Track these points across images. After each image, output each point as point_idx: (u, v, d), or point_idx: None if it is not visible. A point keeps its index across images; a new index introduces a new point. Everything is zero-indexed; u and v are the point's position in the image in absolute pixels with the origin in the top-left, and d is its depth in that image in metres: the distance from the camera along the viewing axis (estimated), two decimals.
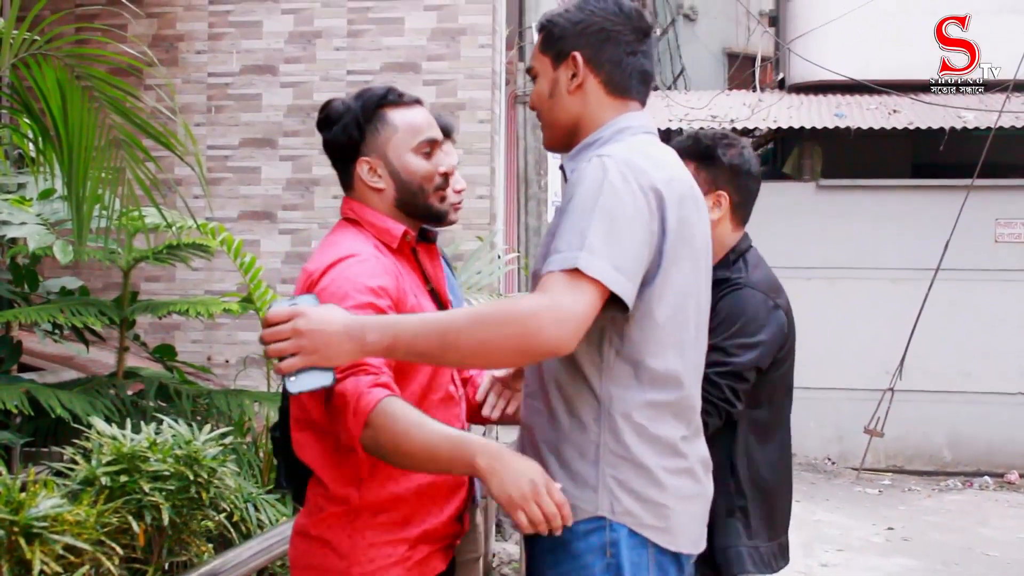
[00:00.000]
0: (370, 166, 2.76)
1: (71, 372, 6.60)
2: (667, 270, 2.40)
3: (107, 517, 3.97)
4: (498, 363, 2.42)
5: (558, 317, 2.21)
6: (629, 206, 2.33)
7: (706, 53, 22.33)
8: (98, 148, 4.54)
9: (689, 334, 2.49)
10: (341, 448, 2.54)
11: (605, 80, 2.57)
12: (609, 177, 2.35)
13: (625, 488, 2.40)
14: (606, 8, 2.57)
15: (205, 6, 8.83)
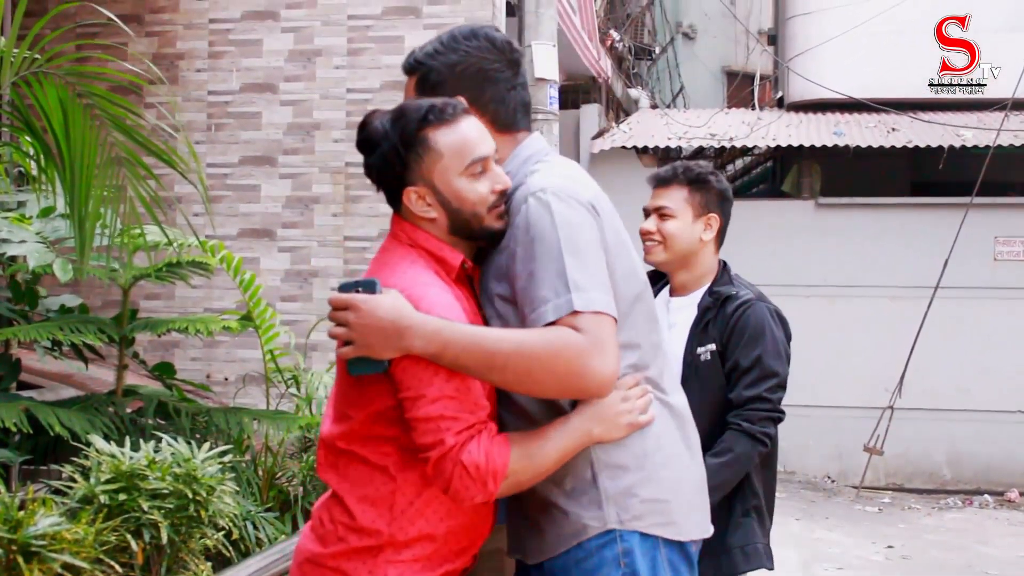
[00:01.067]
0: (418, 195, 2.48)
1: (70, 390, 6.60)
2: (613, 272, 2.43)
3: (106, 535, 3.97)
4: (538, 394, 2.39)
5: (603, 357, 2.29)
6: (584, 232, 2.38)
7: (705, 71, 22.38)
8: (99, 166, 4.54)
9: (645, 325, 2.54)
10: (382, 480, 2.44)
11: (491, 119, 2.53)
12: (555, 210, 2.36)
13: (628, 494, 2.42)
14: (480, 46, 2.54)
15: (205, 24, 8.86)
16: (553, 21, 8.61)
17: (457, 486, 2.32)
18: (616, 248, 2.46)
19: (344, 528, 2.47)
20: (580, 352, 2.27)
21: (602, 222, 2.45)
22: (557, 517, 2.45)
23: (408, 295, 2.36)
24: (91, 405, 5.41)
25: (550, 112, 8.32)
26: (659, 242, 3.56)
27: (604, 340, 2.30)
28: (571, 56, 12.12)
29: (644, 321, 2.52)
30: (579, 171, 2.59)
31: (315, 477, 5.89)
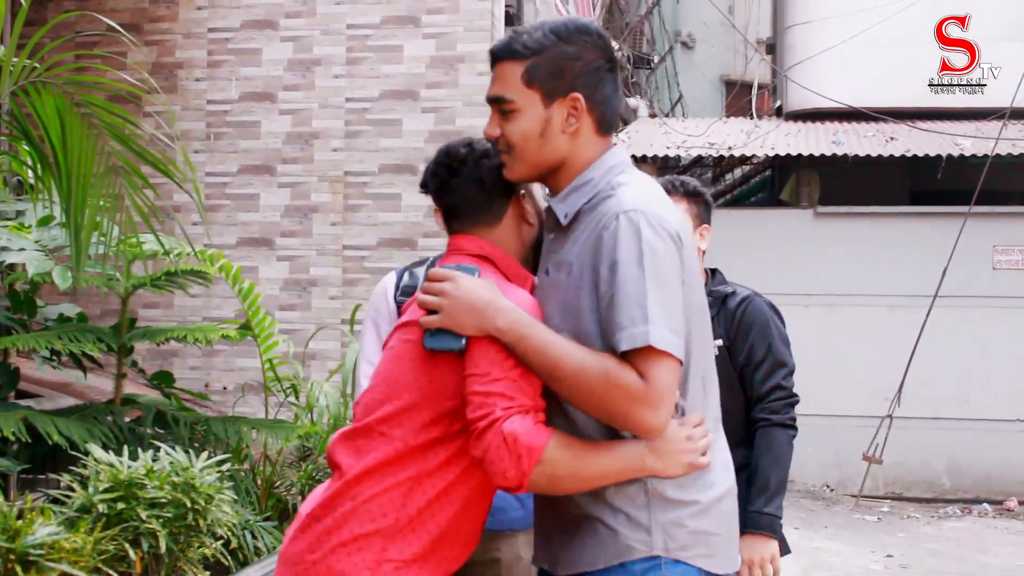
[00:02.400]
0: (526, 201, 2.65)
1: (69, 399, 6.59)
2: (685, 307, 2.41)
3: (104, 544, 3.96)
4: (590, 414, 2.40)
5: (654, 410, 2.29)
6: (667, 263, 2.35)
7: (704, 81, 22.42)
8: (97, 175, 4.54)
9: (704, 360, 2.52)
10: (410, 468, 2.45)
11: (598, 119, 2.50)
12: (644, 237, 2.34)
13: (677, 525, 2.41)
14: (595, 43, 2.50)
15: (204, 34, 8.87)
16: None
17: (493, 456, 2.33)
18: (691, 281, 2.44)
19: (344, 515, 2.46)
20: (633, 398, 2.28)
21: (683, 254, 2.41)
22: (601, 532, 2.44)
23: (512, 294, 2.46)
24: (89, 414, 5.41)
25: None
26: None
27: (662, 391, 2.28)
28: None
29: (703, 354, 2.52)
30: (663, 193, 2.53)
31: (313, 486, 5.88)
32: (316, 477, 5.92)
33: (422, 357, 2.48)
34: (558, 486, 2.40)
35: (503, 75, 2.49)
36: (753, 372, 3.60)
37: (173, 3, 8.91)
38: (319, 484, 5.74)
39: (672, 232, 2.38)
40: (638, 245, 2.33)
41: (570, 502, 2.47)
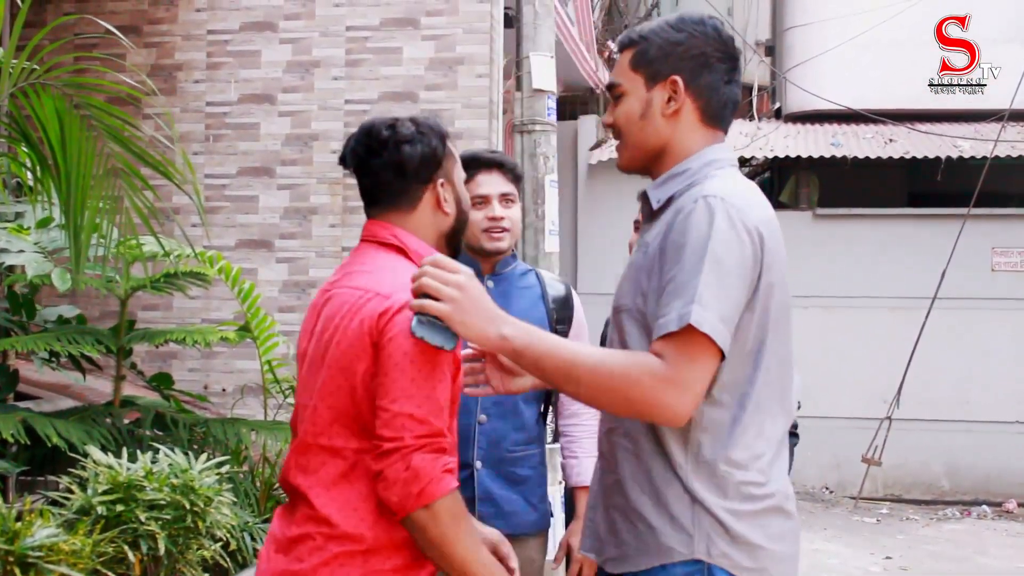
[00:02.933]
0: (444, 190, 2.66)
1: (68, 401, 6.59)
2: (755, 309, 2.36)
3: (103, 547, 3.96)
4: (609, 411, 2.41)
5: (680, 393, 2.24)
6: (734, 254, 2.30)
7: None
8: (96, 177, 4.55)
9: (777, 370, 2.43)
10: (365, 481, 2.40)
11: (702, 107, 2.50)
12: (716, 222, 2.30)
13: (720, 531, 2.37)
14: (705, 32, 2.50)
15: (204, 36, 8.86)
16: (551, 32, 8.62)
17: (389, 478, 2.30)
18: (773, 283, 2.37)
19: (325, 538, 2.41)
20: (659, 378, 2.23)
21: (763, 252, 2.35)
22: (641, 530, 2.43)
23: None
24: (88, 416, 5.40)
25: (548, 123, 8.32)
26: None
27: (694, 374, 2.25)
28: (569, 67, 12.14)
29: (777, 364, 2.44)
30: (757, 193, 2.48)
31: None
32: None
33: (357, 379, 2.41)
34: (422, 536, 2.33)
35: (618, 63, 2.57)
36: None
37: (172, 5, 8.91)
38: None
39: (750, 226, 2.32)
40: (708, 230, 2.29)
41: (617, 495, 2.46)
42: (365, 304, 2.44)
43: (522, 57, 8.55)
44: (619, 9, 19.38)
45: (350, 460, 2.42)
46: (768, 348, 2.39)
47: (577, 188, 14.01)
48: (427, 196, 2.64)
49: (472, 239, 3.53)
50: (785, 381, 2.46)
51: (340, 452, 2.43)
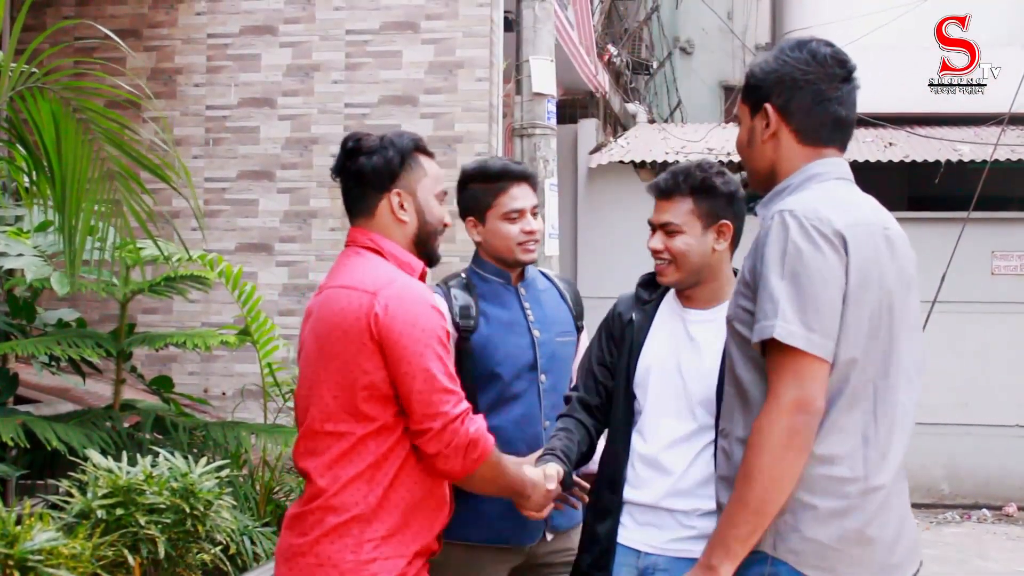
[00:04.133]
0: (400, 199, 2.91)
1: (67, 404, 6.59)
2: (845, 315, 2.43)
3: (103, 550, 3.96)
4: (798, 472, 2.41)
5: (794, 414, 2.36)
6: (812, 262, 2.40)
7: (702, 86, 22.40)
8: (92, 180, 4.54)
9: (867, 378, 2.47)
10: (350, 457, 2.74)
11: (796, 129, 2.62)
12: (791, 236, 2.43)
13: (789, 527, 2.41)
14: (799, 57, 2.61)
15: (204, 39, 8.86)
16: (551, 36, 8.63)
17: (450, 452, 2.73)
18: (861, 287, 2.45)
19: (321, 510, 2.74)
20: (779, 420, 2.36)
21: (848, 257, 2.44)
22: (719, 517, 2.51)
23: (415, 294, 2.76)
24: (88, 420, 5.40)
25: (547, 127, 8.33)
26: (669, 261, 3.28)
27: (786, 385, 2.37)
28: (569, 71, 12.13)
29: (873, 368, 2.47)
30: (852, 200, 2.59)
31: None
32: None
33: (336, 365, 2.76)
34: (477, 485, 2.88)
35: (739, 97, 2.74)
36: None
37: (172, 9, 8.91)
38: None
39: (829, 233, 2.42)
40: (783, 244, 2.43)
41: (719, 492, 2.57)
42: (354, 301, 2.74)
43: (522, 61, 8.55)
44: (619, 13, 19.39)
45: (352, 442, 2.73)
46: (862, 350, 2.44)
47: (577, 191, 13.99)
48: (383, 204, 2.91)
49: (506, 252, 3.59)
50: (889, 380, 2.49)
51: (344, 436, 2.74)
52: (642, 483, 3.25)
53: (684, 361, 3.27)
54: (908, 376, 2.54)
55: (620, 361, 3.37)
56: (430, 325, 2.73)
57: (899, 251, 2.57)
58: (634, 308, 3.42)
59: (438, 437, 2.69)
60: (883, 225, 2.57)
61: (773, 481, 2.38)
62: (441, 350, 2.73)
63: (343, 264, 2.91)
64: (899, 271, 2.55)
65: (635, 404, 3.33)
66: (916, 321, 2.61)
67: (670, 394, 3.25)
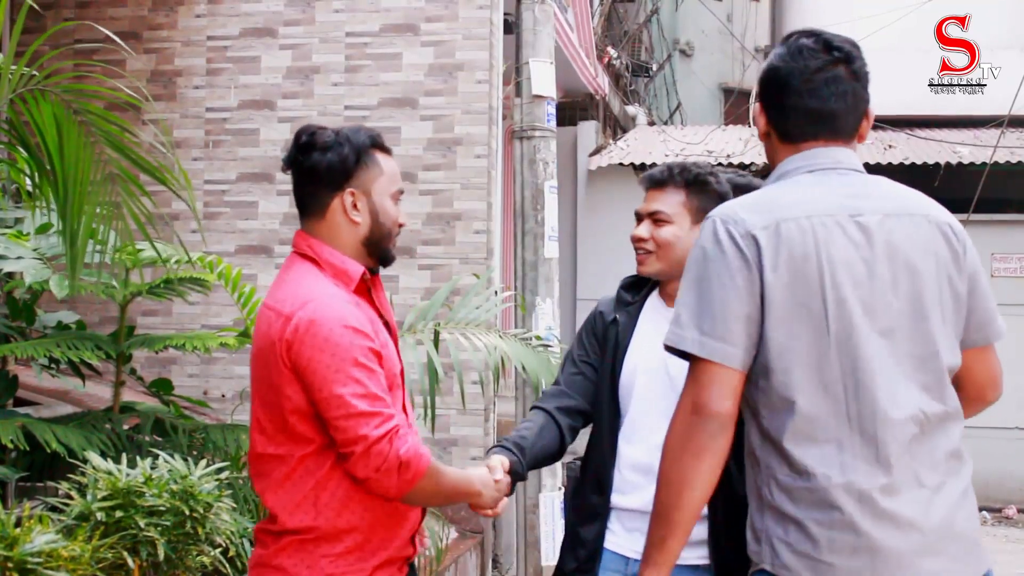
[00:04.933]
0: (354, 199, 2.81)
1: (67, 406, 6.59)
2: (772, 318, 2.36)
3: (102, 553, 3.96)
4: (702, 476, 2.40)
5: (689, 416, 2.39)
6: (713, 266, 2.38)
7: (702, 88, 22.41)
8: (94, 183, 4.54)
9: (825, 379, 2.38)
10: (306, 480, 2.71)
11: (775, 126, 2.61)
12: (701, 241, 2.43)
13: (783, 542, 2.37)
14: (780, 53, 2.60)
15: (203, 41, 8.87)
16: (550, 39, 8.62)
17: (382, 475, 2.61)
18: (780, 293, 2.36)
19: (277, 527, 2.75)
20: (685, 421, 2.40)
21: (762, 262, 2.36)
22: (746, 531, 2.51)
23: (329, 314, 2.63)
24: (88, 422, 5.40)
25: (547, 129, 8.32)
26: (652, 251, 3.27)
27: (695, 390, 2.39)
28: (568, 73, 12.14)
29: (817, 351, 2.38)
30: (794, 197, 2.47)
31: None
32: None
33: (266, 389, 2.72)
34: (421, 499, 2.75)
35: None
36: None
37: (172, 11, 8.91)
38: None
39: (738, 235, 2.38)
40: (693, 250, 2.44)
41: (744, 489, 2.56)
42: (272, 324, 2.69)
43: (522, 63, 8.54)
44: (618, 15, 19.39)
45: (292, 464, 2.71)
46: (797, 349, 2.36)
47: (576, 194, 14.01)
48: (335, 204, 2.81)
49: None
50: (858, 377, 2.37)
51: (284, 459, 2.72)
52: (631, 488, 3.22)
53: (672, 362, 3.19)
54: (899, 372, 2.39)
55: (604, 362, 3.32)
56: (342, 346, 2.61)
57: (880, 239, 2.42)
58: (617, 309, 3.37)
59: (363, 461, 2.59)
60: (852, 214, 2.42)
61: (672, 485, 2.39)
62: (358, 371, 2.60)
63: (279, 276, 2.85)
64: (874, 261, 2.40)
65: (620, 406, 3.29)
66: (919, 308, 2.43)
67: (658, 396, 3.20)
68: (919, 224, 2.49)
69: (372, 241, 2.85)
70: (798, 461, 2.35)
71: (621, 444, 3.25)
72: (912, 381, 2.40)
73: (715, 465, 2.38)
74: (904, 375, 2.39)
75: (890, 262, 2.42)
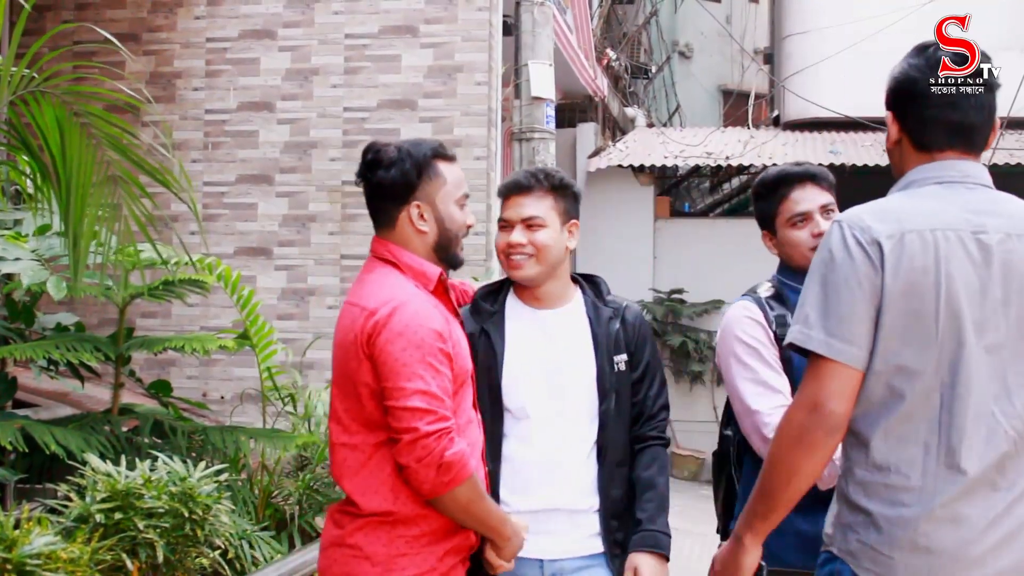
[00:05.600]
0: (420, 210, 2.98)
1: (66, 408, 6.58)
2: (886, 323, 2.42)
3: (101, 554, 3.96)
4: (810, 468, 2.47)
5: (811, 412, 2.43)
6: (841, 269, 2.44)
7: (701, 90, 22.44)
8: (95, 184, 4.55)
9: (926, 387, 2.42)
10: (382, 467, 2.86)
11: (910, 136, 2.63)
12: (829, 243, 2.49)
13: (851, 529, 2.48)
14: (914, 64, 2.67)
15: (203, 43, 8.87)
16: (550, 41, 8.64)
17: (419, 467, 2.75)
18: (903, 286, 2.41)
19: (355, 509, 2.88)
20: (793, 419, 2.46)
21: (884, 269, 2.42)
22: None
23: (409, 310, 2.82)
24: (87, 424, 5.40)
25: (546, 131, 8.34)
26: (531, 255, 3.27)
27: (812, 390, 2.43)
28: (568, 75, 12.15)
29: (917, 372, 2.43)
30: (915, 207, 2.51)
31: (311, 496, 5.88)
32: (314, 487, 5.92)
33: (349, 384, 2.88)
34: (449, 509, 2.83)
35: None
36: (649, 388, 3.38)
37: (171, 13, 8.91)
38: (317, 494, 5.74)
39: (865, 241, 2.44)
40: (822, 252, 2.50)
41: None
42: (356, 319, 2.86)
43: (521, 65, 8.56)
44: (617, 17, 19.41)
45: (368, 452, 2.86)
46: (905, 355, 2.42)
47: None
48: (403, 216, 2.99)
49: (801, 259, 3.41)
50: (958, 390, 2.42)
51: (358, 447, 2.87)
52: (533, 489, 3.21)
53: (554, 361, 3.28)
54: (1001, 388, 2.44)
55: (481, 377, 3.26)
56: (414, 343, 2.78)
57: (998, 259, 2.46)
58: (481, 321, 3.34)
59: (408, 450, 2.74)
60: (974, 230, 2.48)
61: (779, 474, 2.47)
62: (425, 369, 2.77)
63: (360, 278, 3.02)
64: (989, 279, 2.45)
65: (506, 415, 3.26)
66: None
67: (542, 401, 3.24)
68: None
69: (441, 246, 3.03)
70: (881, 459, 2.45)
71: (516, 449, 3.23)
72: (1015, 398, 2.46)
73: (824, 460, 2.46)
74: (1006, 392, 2.46)
75: (1004, 282, 2.47)
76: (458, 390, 2.93)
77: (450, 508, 2.82)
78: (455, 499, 2.79)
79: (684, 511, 12.15)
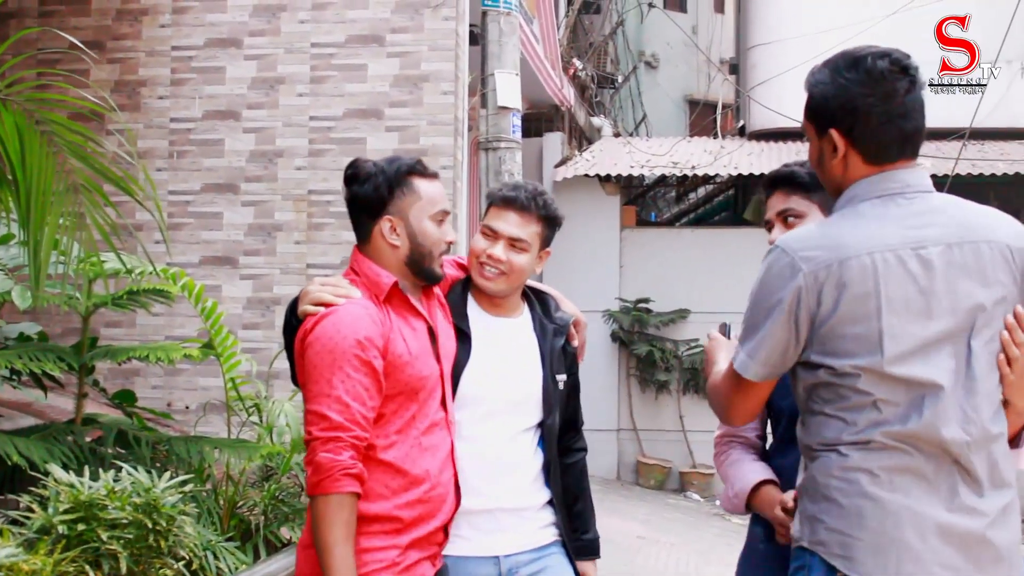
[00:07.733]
0: (392, 225, 3.07)
1: (29, 419, 6.53)
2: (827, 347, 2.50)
3: (64, 566, 3.93)
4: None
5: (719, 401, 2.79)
6: (770, 295, 2.54)
7: (667, 100, 22.54)
8: (56, 193, 4.51)
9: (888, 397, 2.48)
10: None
11: (862, 151, 2.58)
12: (764, 265, 2.58)
13: (816, 519, 2.51)
14: (856, 79, 2.56)
15: (168, 52, 8.84)
16: (516, 50, 8.66)
17: (310, 468, 2.83)
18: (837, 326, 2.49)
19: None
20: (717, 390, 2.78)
21: (825, 292, 2.48)
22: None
23: (333, 321, 2.91)
24: (50, 434, 5.36)
25: (513, 140, 8.35)
26: (505, 273, 3.33)
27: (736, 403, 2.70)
28: (534, 85, 12.18)
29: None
30: (853, 232, 2.52)
31: (277, 506, 5.85)
32: (279, 497, 5.89)
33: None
34: (314, 514, 2.82)
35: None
36: (576, 400, 3.55)
37: (136, 21, 8.88)
38: (282, 504, 5.71)
39: (798, 259, 2.50)
40: (758, 276, 2.60)
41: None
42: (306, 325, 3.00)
43: (487, 74, 8.57)
44: (584, 27, 19.47)
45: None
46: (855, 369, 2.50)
47: None
48: (376, 230, 3.09)
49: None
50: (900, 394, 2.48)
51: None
52: (480, 489, 3.24)
53: (508, 365, 3.36)
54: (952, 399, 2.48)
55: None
56: (328, 348, 2.89)
57: (940, 272, 2.49)
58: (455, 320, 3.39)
59: (307, 450, 2.87)
60: (914, 246, 2.49)
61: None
62: (333, 375, 2.87)
63: None
64: (933, 294, 2.48)
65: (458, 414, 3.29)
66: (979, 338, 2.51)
67: (497, 398, 3.32)
68: (980, 252, 2.53)
69: (413, 260, 3.09)
70: (854, 462, 2.48)
71: (466, 448, 3.23)
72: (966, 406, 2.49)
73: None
74: (958, 401, 2.49)
75: (950, 295, 2.49)
76: (411, 394, 3.01)
77: (314, 516, 2.83)
78: (316, 507, 2.81)
79: (650, 520, 12.14)
